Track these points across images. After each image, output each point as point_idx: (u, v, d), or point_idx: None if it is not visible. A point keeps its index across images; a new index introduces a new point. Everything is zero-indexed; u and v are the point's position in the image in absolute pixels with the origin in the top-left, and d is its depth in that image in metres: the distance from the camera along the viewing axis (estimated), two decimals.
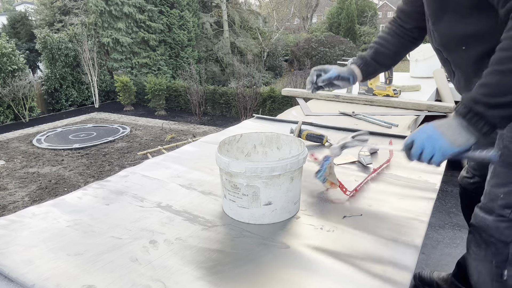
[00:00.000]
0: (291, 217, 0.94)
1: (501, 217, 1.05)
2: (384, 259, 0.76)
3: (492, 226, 1.07)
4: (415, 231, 0.87)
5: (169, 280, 0.70)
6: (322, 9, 29.85)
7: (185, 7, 12.14)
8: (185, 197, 1.06)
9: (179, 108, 9.51)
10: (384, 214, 0.95)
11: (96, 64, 9.67)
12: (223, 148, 1.03)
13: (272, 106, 8.15)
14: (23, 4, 16.06)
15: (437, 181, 1.15)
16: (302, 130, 1.54)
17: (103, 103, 10.41)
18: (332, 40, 15.50)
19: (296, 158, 0.89)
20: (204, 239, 0.85)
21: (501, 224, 1.05)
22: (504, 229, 1.04)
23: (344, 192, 1.06)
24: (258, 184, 0.87)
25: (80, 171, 5.05)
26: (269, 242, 0.83)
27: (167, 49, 12.03)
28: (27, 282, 0.70)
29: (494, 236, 1.06)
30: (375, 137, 1.60)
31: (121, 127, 7.40)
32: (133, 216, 0.96)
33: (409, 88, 2.68)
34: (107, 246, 0.82)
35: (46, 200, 1.27)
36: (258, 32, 15.25)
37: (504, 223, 1.05)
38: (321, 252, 0.79)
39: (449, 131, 0.87)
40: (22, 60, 8.19)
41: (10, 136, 7.03)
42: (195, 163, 1.34)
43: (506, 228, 1.04)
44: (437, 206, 2.67)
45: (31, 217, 0.95)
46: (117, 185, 1.15)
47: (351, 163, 1.30)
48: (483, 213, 1.10)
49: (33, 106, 8.49)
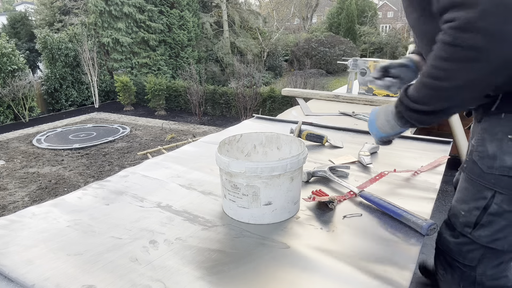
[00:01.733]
0: (291, 217, 0.94)
1: (463, 236, 0.98)
2: (384, 259, 0.76)
3: (455, 249, 1.00)
4: (415, 231, 0.87)
5: (169, 280, 0.70)
6: (322, 9, 29.84)
7: (185, 7, 12.13)
8: (185, 197, 1.06)
9: (179, 108, 9.50)
10: (384, 214, 0.95)
11: (96, 64, 9.67)
12: (223, 148, 1.03)
13: (272, 106, 8.16)
14: (23, 4, 16.05)
15: (437, 181, 1.15)
16: (302, 130, 1.54)
17: (103, 103, 10.41)
18: (332, 40, 15.50)
19: (296, 158, 0.89)
20: (204, 239, 0.85)
21: (463, 247, 0.98)
22: (467, 253, 0.98)
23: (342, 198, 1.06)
24: (258, 184, 0.87)
25: (80, 171, 5.05)
26: (269, 242, 0.83)
27: (167, 49, 12.02)
28: (27, 282, 0.70)
29: (458, 260, 1.00)
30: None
31: (121, 127, 7.39)
32: (133, 216, 0.95)
33: None
34: (107, 246, 0.82)
35: (46, 200, 1.27)
36: (258, 32, 15.25)
37: (466, 246, 0.98)
38: (321, 252, 0.79)
39: (380, 117, 1.00)
40: (22, 60, 8.19)
41: (10, 136, 7.03)
42: (195, 163, 1.34)
43: (469, 251, 0.97)
44: (437, 206, 2.67)
45: (31, 217, 0.95)
46: (117, 185, 1.15)
47: (351, 163, 1.30)
48: (446, 231, 1.04)
49: (33, 106, 8.48)
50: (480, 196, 0.92)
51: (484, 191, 0.91)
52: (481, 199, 0.92)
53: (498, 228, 0.92)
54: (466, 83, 0.77)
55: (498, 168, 0.88)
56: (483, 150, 0.91)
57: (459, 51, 0.73)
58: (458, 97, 0.80)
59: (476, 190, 0.93)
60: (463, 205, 0.97)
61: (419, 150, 1.41)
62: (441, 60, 0.78)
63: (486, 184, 0.90)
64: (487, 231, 0.93)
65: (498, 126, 0.89)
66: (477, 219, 0.93)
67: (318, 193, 1.04)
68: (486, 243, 0.94)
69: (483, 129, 0.93)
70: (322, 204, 1.00)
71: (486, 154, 0.90)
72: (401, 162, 1.29)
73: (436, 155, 1.32)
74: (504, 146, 0.87)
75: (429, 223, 0.84)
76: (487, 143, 0.90)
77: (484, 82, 0.77)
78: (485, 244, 0.94)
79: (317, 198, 1.00)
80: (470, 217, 0.95)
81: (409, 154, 1.37)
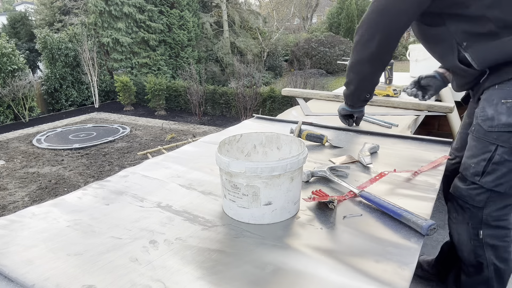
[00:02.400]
0: (291, 217, 0.94)
1: (473, 184, 1.21)
2: (384, 259, 0.76)
3: (466, 194, 1.24)
4: (415, 231, 0.87)
5: (169, 280, 0.70)
6: (322, 9, 29.82)
7: (185, 7, 12.13)
8: (185, 197, 1.06)
9: (179, 108, 9.51)
10: (384, 214, 0.95)
11: (96, 64, 9.67)
12: (223, 148, 1.03)
13: (272, 106, 8.16)
14: (23, 4, 16.05)
15: (437, 181, 1.14)
16: (302, 130, 1.54)
17: (103, 103, 10.42)
18: (332, 40, 15.49)
19: (296, 158, 0.89)
20: (204, 239, 0.85)
21: (473, 191, 1.22)
22: (476, 196, 1.21)
23: (343, 198, 1.06)
24: (258, 184, 0.87)
25: (80, 171, 5.05)
26: (269, 242, 0.83)
27: (167, 49, 12.03)
28: (27, 282, 0.70)
29: (468, 202, 1.24)
30: (375, 137, 1.60)
31: (121, 127, 7.39)
32: (133, 216, 0.95)
33: None
34: (107, 246, 0.82)
35: (46, 200, 1.27)
36: (258, 32, 15.24)
37: (475, 191, 1.21)
38: (321, 252, 0.79)
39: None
40: (22, 60, 8.19)
41: (10, 136, 7.03)
42: (195, 163, 1.34)
43: (477, 194, 1.21)
44: (437, 206, 2.67)
45: (31, 217, 0.95)
46: (117, 185, 1.15)
47: (351, 163, 1.30)
48: (459, 182, 1.28)
49: (33, 106, 8.49)
50: (485, 150, 1.16)
51: (488, 146, 1.15)
52: (487, 152, 1.15)
53: (500, 174, 1.15)
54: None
55: (496, 126, 1.12)
56: (484, 114, 1.15)
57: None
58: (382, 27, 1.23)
59: (482, 146, 1.17)
60: (473, 159, 1.20)
61: (419, 150, 1.41)
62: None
63: (490, 140, 1.14)
64: (492, 177, 1.17)
65: (494, 94, 1.14)
66: (483, 168, 1.17)
67: (318, 193, 1.04)
68: (492, 187, 1.17)
69: (483, 100, 1.17)
70: (322, 204, 1.00)
71: (486, 117, 1.14)
72: (401, 162, 1.29)
73: (436, 155, 1.32)
74: (499, 108, 1.12)
75: (429, 223, 0.84)
76: (487, 108, 1.15)
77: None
78: (491, 188, 1.17)
79: (317, 198, 1.00)
80: (478, 168, 1.18)
81: (409, 154, 1.37)
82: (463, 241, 1.30)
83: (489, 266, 1.26)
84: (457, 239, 1.34)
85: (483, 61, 1.15)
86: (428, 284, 1.78)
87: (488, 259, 1.26)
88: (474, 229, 1.25)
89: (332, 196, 1.01)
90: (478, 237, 1.25)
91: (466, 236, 1.28)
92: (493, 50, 1.12)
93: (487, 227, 1.22)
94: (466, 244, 1.29)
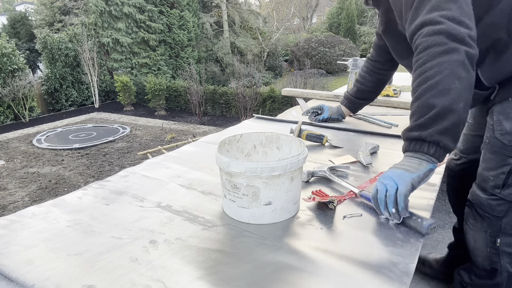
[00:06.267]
0: (291, 217, 0.94)
1: (492, 195, 1.20)
2: (384, 259, 0.76)
3: (486, 203, 1.22)
4: (415, 231, 0.87)
5: (169, 280, 0.70)
6: (322, 9, 29.82)
7: (185, 7, 12.12)
8: (185, 197, 1.06)
9: (179, 108, 9.50)
10: None
11: (96, 64, 9.67)
12: (223, 148, 1.03)
13: (272, 106, 8.15)
14: (23, 4, 16.04)
15: (437, 181, 1.15)
16: (302, 130, 1.54)
17: (103, 103, 10.41)
18: (332, 40, 15.48)
19: (296, 158, 0.89)
20: (204, 239, 0.85)
21: (493, 202, 1.20)
22: (496, 206, 1.20)
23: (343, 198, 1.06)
24: (258, 184, 0.87)
25: (80, 171, 5.05)
26: (269, 242, 0.83)
27: (167, 49, 12.02)
28: (27, 282, 0.70)
29: (488, 212, 1.22)
30: (375, 137, 1.60)
31: (121, 127, 7.39)
32: (133, 216, 0.96)
33: (409, 88, 2.67)
34: (107, 246, 0.82)
35: (46, 200, 1.27)
36: (258, 32, 15.24)
37: (496, 201, 1.20)
38: (321, 252, 0.79)
39: (401, 166, 0.93)
40: (22, 60, 8.18)
41: (10, 136, 7.03)
42: (195, 163, 1.34)
43: (498, 205, 1.20)
44: (437, 206, 2.67)
45: (31, 217, 0.95)
46: (117, 185, 1.15)
47: (351, 163, 1.30)
48: (479, 191, 1.25)
49: (33, 106, 8.48)
50: (504, 163, 1.15)
51: (507, 159, 1.14)
52: (506, 165, 1.15)
53: None
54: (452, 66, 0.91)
55: None
56: (502, 129, 1.13)
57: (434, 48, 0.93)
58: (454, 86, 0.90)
59: (499, 159, 1.16)
60: (491, 172, 1.19)
61: None
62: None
63: (509, 153, 1.13)
64: None
65: (509, 108, 1.12)
66: (503, 181, 1.16)
67: (318, 193, 1.04)
68: None
69: (498, 112, 1.15)
70: (322, 204, 1.00)
71: (505, 131, 1.13)
72: None
73: None
74: None
75: (429, 223, 0.84)
76: (504, 122, 1.13)
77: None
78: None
79: (317, 198, 1.00)
80: (498, 181, 1.17)
81: None
82: (479, 247, 1.30)
83: (503, 273, 1.27)
84: (472, 244, 1.33)
85: (492, 77, 1.13)
86: (430, 283, 1.78)
87: (503, 266, 1.26)
88: (492, 237, 1.24)
89: (332, 196, 1.01)
90: (495, 244, 1.25)
91: (483, 243, 1.27)
92: (503, 64, 1.10)
93: (505, 235, 1.22)
94: (481, 250, 1.28)
